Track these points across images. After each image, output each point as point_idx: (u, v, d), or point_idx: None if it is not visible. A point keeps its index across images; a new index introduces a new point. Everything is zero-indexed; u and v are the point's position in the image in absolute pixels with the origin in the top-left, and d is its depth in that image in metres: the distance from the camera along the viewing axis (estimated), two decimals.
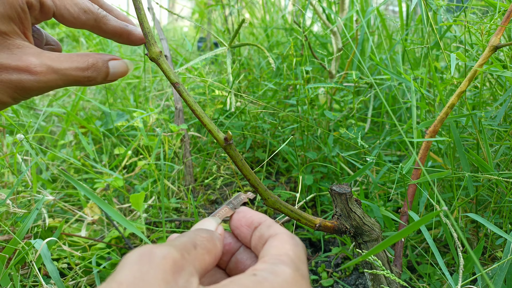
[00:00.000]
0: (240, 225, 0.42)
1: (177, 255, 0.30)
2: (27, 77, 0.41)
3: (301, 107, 1.14)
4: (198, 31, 2.34)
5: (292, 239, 0.37)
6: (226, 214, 0.44)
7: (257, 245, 0.40)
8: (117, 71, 0.48)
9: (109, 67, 0.47)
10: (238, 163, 0.50)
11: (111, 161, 1.35)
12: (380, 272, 0.55)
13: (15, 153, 0.97)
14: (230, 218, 0.44)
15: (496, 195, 0.74)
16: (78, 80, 0.44)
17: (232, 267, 0.41)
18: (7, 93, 0.41)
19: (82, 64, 0.44)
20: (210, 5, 1.98)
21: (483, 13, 0.98)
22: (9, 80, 0.41)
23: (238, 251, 0.43)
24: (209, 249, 0.35)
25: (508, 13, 0.66)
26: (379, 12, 1.46)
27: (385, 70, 0.93)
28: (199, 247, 0.34)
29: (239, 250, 0.43)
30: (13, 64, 0.41)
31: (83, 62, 0.45)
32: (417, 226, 0.34)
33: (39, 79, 0.42)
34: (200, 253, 0.33)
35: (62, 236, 0.93)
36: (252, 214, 0.43)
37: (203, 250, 0.34)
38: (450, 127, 0.77)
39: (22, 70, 0.41)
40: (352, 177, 0.85)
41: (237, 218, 0.43)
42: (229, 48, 0.65)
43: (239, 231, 0.42)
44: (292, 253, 0.35)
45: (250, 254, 0.42)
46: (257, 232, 0.40)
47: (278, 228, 0.39)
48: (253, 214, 0.43)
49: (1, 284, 0.66)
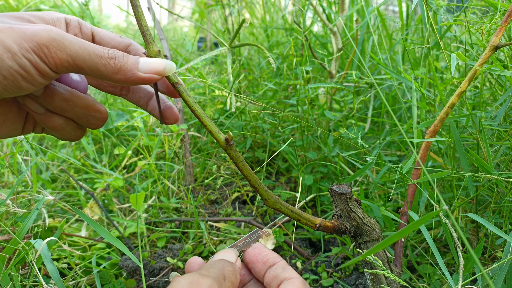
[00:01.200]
0: (256, 261, 0.48)
1: (216, 287, 0.37)
2: (35, 28, 0.38)
3: (301, 107, 1.14)
4: (198, 31, 2.34)
5: (304, 285, 0.44)
6: (243, 247, 0.50)
7: (270, 283, 0.46)
8: (149, 63, 0.44)
9: (138, 61, 0.43)
10: (239, 164, 0.50)
11: (111, 161, 1.35)
12: (380, 272, 0.55)
13: (15, 153, 0.97)
14: (245, 252, 0.49)
15: (496, 195, 0.74)
16: (94, 62, 0.40)
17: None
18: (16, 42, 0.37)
19: (101, 51, 0.41)
20: (210, 5, 1.98)
21: (483, 13, 0.98)
22: (23, 30, 0.37)
23: (249, 283, 0.49)
24: (233, 282, 0.42)
25: (508, 13, 0.66)
26: (379, 12, 1.46)
27: (386, 70, 0.92)
28: (227, 279, 0.41)
29: (250, 282, 0.49)
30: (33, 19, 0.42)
31: (103, 49, 0.42)
32: (417, 226, 0.34)
33: (50, 34, 0.38)
34: (228, 285, 0.40)
35: (62, 236, 0.93)
36: (267, 253, 0.49)
37: (229, 282, 0.41)
38: (450, 127, 0.77)
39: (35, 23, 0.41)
40: (352, 177, 0.85)
41: (253, 254, 0.49)
42: (229, 48, 0.65)
43: (254, 265, 0.48)
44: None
45: (260, 287, 0.48)
46: (272, 271, 0.46)
47: (292, 272, 0.46)
48: (268, 252, 0.49)
49: (1, 284, 0.66)
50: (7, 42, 0.36)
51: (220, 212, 1.12)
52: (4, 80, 0.37)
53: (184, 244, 0.97)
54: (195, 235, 0.99)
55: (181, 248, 0.93)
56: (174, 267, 0.88)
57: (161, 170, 1.30)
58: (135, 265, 0.85)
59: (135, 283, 0.83)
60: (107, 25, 4.73)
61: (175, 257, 0.91)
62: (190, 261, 0.47)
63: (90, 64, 0.40)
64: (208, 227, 1.02)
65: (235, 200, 1.20)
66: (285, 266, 0.47)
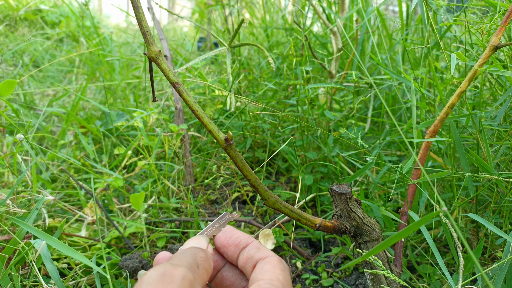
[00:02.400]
0: (228, 244, 0.46)
1: (191, 276, 0.35)
2: None
3: (301, 107, 1.14)
4: (198, 31, 2.34)
5: (281, 263, 0.42)
6: (213, 232, 0.47)
7: (245, 265, 0.44)
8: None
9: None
10: (239, 163, 0.50)
11: (111, 161, 1.35)
12: (380, 272, 0.55)
13: (15, 153, 0.97)
14: (215, 237, 0.47)
15: (496, 195, 0.74)
16: None
17: (218, 282, 0.46)
18: None
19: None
20: (210, 5, 1.98)
21: (483, 13, 0.98)
22: None
23: (223, 268, 0.47)
24: (207, 268, 0.40)
25: (508, 13, 0.66)
26: (379, 12, 1.45)
27: (386, 70, 0.92)
28: (200, 266, 0.38)
29: (225, 267, 0.47)
30: None
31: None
32: (417, 226, 0.34)
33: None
34: (202, 272, 0.38)
35: (62, 236, 0.93)
36: (238, 235, 0.47)
37: (203, 270, 0.39)
38: (450, 127, 0.77)
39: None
40: (352, 177, 0.85)
41: (223, 237, 0.47)
42: (229, 48, 0.65)
43: (226, 249, 0.46)
44: (282, 278, 0.39)
45: (235, 271, 0.46)
46: (246, 253, 0.44)
47: (266, 251, 0.43)
48: (240, 234, 0.47)
49: (1, 284, 0.66)
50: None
51: (220, 212, 1.12)
52: None
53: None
54: (195, 235, 0.99)
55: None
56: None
57: (161, 170, 1.30)
58: (135, 265, 0.85)
59: (135, 283, 0.83)
60: (107, 25, 4.72)
61: None
62: (158, 256, 0.43)
63: None
64: None
65: (235, 200, 1.20)
66: (259, 246, 0.44)
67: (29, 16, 3.72)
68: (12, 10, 3.81)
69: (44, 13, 3.78)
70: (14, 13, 3.74)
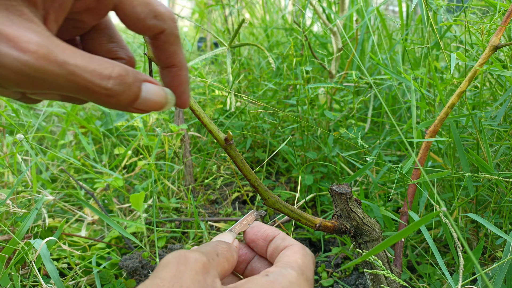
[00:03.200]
0: (256, 238, 0.49)
1: (205, 260, 0.37)
2: (8, 51, 0.26)
3: (301, 107, 1.14)
4: (198, 31, 2.34)
5: (303, 249, 0.44)
6: (241, 229, 0.51)
7: (272, 255, 0.46)
8: (151, 98, 0.33)
9: (141, 89, 0.32)
10: (239, 163, 0.50)
11: (111, 161, 1.35)
12: (380, 272, 0.55)
13: (15, 153, 0.97)
14: (245, 232, 0.51)
15: (496, 195, 0.74)
16: (90, 88, 0.29)
17: (248, 274, 0.48)
18: None
19: (104, 69, 0.29)
20: (210, 5, 1.98)
21: (483, 13, 0.98)
22: None
23: (253, 260, 0.49)
24: (228, 258, 0.42)
25: (508, 13, 0.66)
26: (379, 12, 1.46)
27: (386, 70, 0.93)
28: (220, 255, 0.41)
29: (254, 259, 0.49)
30: (1, 27, 0.26)
31: (106, 68, 0.30)
32: (417, 226, 0.34)
33: (26, 61, 0.26)
34: (222, 260, 0.40)
35: (62, 236, 0.93)
36: (266, 228, 0.49)
37: (224, 258, 0.41)
38: (450, 127, 0.77)
39: (8, 39, 0.26)
40: (352, 177, 0.85)
41: (252, 232, 0.50)
42: (229, 48, 0.65)
43: (256, 244, 0.49)
44: (301, 261, 0.41)
45: (264, 262, 0.48)
46: (273, 244, 0.47)
47: (291, 240, 0.46)
48: (267, 228, 0.49)
49: (1, 284, 0.66)
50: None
51: (220, 212, 1.12)
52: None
53: (184, 244, 0.97)
54: (195, 235, 0.99)
55: (181, 248, 0.93)
56: None
57: (161, 170, 1.30)
58: (135, 265, 0.85)
59: (135, 283, 0.83)
60: None
61: None
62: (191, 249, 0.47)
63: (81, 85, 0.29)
64: (208, 227, 1.02)
65: (235, 200, 1.20)
66: (284, 237, 0.47)
67: None
68: None
69: None
70: None
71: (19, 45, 0.26)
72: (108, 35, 0.37)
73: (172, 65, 0.37)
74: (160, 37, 0.34)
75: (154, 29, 0.34)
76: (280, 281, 0.38)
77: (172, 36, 0.35)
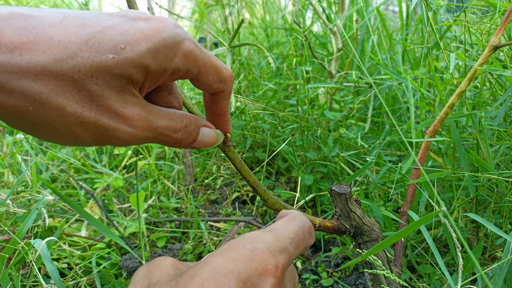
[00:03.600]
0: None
1: (174, 259, 0.38)
2: (124, 128, 0.34)
3: (301, 107, 1.14)
4: (198, 31, 2.34)
5: (299, 215, 0.44)
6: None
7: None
8: (205, 140, 0.42)
9: (199, 134, 0.42)
10: (237, 165, 0.50)
11: (111, 161, 1.35)
12: (380, 272, 0.55)
13: (15, 153, 0.97)
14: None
15: (496, 195, 0.74)
16: (166, 140, 0.39)
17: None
18: (94, 135, 0.34)
19: (176, 124, 0.39)
20: (210, 5, 1.98)
21: (483, 13, 0.98)
22: (106, 124, 0.33)
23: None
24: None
25: (508, 13, 0.66)
26: (379, 12, 1.45)
27: (386, 70, 0.93)
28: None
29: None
30: (119, 109, 0.34)
31: (178, 123, 0.39)
32: (417, 226, 0.34)
33: (135, 134, 0.35)
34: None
35: (62, 236, 0.93)
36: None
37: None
38: (450, 127, 0.77)
39: (123, 118, 0.34)
40: (352, 177, 0.85)
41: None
42: (229, 48, 0.65)
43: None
44: (291, 227, 0.42)
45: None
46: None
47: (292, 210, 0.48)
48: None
49: (1, 284, 0.66)
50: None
51: (220, 212, 1.12)
52: None
53: (184, 244, 0.97)
54: (195, 235, 0.99)
55: (181, 248, 0.93)
56: None
57: (161, 170, 1.30)
58: (135, 265, 0.85)
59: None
60: None
61: (175, 257, 0.91)
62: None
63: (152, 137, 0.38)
64: (208, 227, 1.02)
65: (235, 200, 1.20)
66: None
67: None
68: None
69: None
70: None
71: (132, 123, 0.35)
72: (169, 89, 0.43)
73: (221, 115, 0.45)
74: (219, 94, 0.42)
75: (216, 90, 0.41)
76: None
77: (228, 93, 0.42)
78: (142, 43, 0.33)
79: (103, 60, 0.31)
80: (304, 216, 0.45)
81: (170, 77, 0.37)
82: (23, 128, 0.32)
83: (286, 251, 0.36)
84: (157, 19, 0.35)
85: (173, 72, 0.36)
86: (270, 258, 0.34)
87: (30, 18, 0.30)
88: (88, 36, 0.31)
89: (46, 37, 0.30)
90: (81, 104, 0.32)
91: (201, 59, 0.37)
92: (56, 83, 0.30)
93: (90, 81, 0.31)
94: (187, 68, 0.37)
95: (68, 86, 0.31)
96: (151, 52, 0.33)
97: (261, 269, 0.33)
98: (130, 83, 0.34)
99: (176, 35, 0.35)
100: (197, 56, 0.37)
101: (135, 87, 0.35)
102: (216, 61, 0.39)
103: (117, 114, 0.34)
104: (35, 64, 0.29)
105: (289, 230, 0.40)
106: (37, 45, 0.29)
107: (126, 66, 0.32)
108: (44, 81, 0.30)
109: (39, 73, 0.29)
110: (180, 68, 0.36)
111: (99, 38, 0.31)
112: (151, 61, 0.33)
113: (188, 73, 0.38)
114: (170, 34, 0.34)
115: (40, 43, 0.29)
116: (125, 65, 0.32)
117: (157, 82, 0.37)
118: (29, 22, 0.30)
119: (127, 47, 0.32)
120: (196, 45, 0.37)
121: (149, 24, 0.34)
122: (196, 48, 0.37)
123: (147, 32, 0.33)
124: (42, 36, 0.30)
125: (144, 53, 0.33)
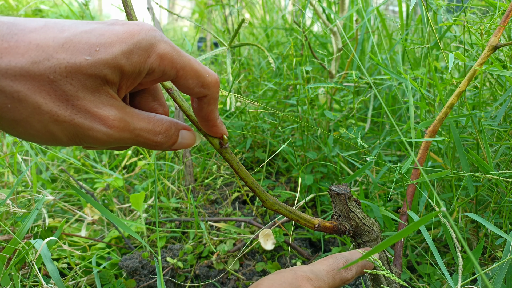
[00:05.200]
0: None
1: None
2: (99, 127, 0.35)
3: (301, 107, 1.14)
4: (198, 31, 2.34)
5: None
6: None
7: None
8: (184, 142, 0.44)
9: (179, 136, 0.43)
10: (235, 166, 0.50)
11: (111, 161, 1.35)
12: (380, 272, 0.55)
13: (15, 153, 0.97)
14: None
15: (496, 195, 0.74)
16: (145, 142, 0.40)
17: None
18: (70, 134, 0.35)
19: (157, 127, 0.40)
20: (210, 5, 1.98)
21: (483, 13, 0.98)
22: (81, 123, 0.35)
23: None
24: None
25: (507, 13, 0.66)
26: (379, 12, 1.46)
27: (386, 70, 0.93)
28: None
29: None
30: (93, 109, 0.35)
31: (158, 126, 0.40)
32: (417, 227, 0.34)
33: (110, 133, 0.36)
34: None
35: (62, 236, 0.93)
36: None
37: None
38: (450, 127, 0.77)
39: (98, 118, 0.35)
40: (352, 177, 0.85)
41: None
42: (229, 48, 0.65)
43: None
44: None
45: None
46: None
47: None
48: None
49: (1, 284, 0.66)
50: None
51: (220, 212, 1.12)
52: None
53: (184, 244, 0.97)
54: (195, 235, 0.99)
55: (181, 248, 0.93)
56: (174, 267, 0.88)
57: (161, 170, 1.30)
58: (135, 265, 0.85)
59: (135, 283, 0.83)
60: None
61: (175, 257, 0.91)
62: None
63: (134, 142, 0.39)
64: (208, 227, 1.02)
65: (235, 200, 1.20)
66: None
67: (29, 16, 3.72)
68: (12, 10, 3.81)
69: (44, 13, 3.78)
70: (14, 13, 3.74)
71: (107, 122, 0.36)
72: (153, 95, 0.45)
73: (207, 120, 0.45)
74: (202, 99, 0.42)
75: (199, 94, 0.41)
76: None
77: (212, 99, 0.42)
78: (117, 45, 0.34)
79: (78, 61, 0.33)
80: (341, 254, 0.54)
81: (147, 78, 0.38)
82: (3, 125, 0.34)
83: (320, 280, 0.48)
84: (134, 23, 0.36)
85: (148, 73, 0.37)
86: (305, 281, 0.47)
87: (13, 25, 0.32)
88: (65, 40, 0.33)
89: (25, 41, 0.32)
90: (56, 103, 0.33)
91: (179, 62, 0.38)
92: (34, 83, 0.32)
93: (65, 82, 0.33)
94: (163, 69, 0.37)
95: (45, 86, 0.32)
96: (124, 53, 0.34)
97: (297, 285, 0.46)
98: (105, 84, 0.35)
99: (150, 37, 0.36)
100: (174, 58, 0.37)
101: (112, 88, 0.36)
102: (197, 65, 0.40)
103: (92, 114, 0.35)
104: (14, 66, 0.31)
105: (323, 264, 0.51)
106: (16, 49, 0.31)
107: (100, 67, 0.34)
108: (22, 81, 0.31)
109: (17, 73, 0.31)
110: (155, 69, 0.37)
111: (75, 41, 0.33)
112: (125, 62, 0.35)
113: (165, 75, 0.38)
114: (144, 37, 0.35)
115: (20, 47, 0.31)
116: (99, 66, 0.33)
117: (134, 83, 0.38)
118: (11, 29, 0.32)
119: (101, 49, 0.33)
120: (174, 48, 0.38)
121: (125, 27, 0.35)
122: (173, 51, 0.37)
123: (122, 35, 0.35)
124: (22, 41, 0.32)
125: (117, 55, 0.34)
